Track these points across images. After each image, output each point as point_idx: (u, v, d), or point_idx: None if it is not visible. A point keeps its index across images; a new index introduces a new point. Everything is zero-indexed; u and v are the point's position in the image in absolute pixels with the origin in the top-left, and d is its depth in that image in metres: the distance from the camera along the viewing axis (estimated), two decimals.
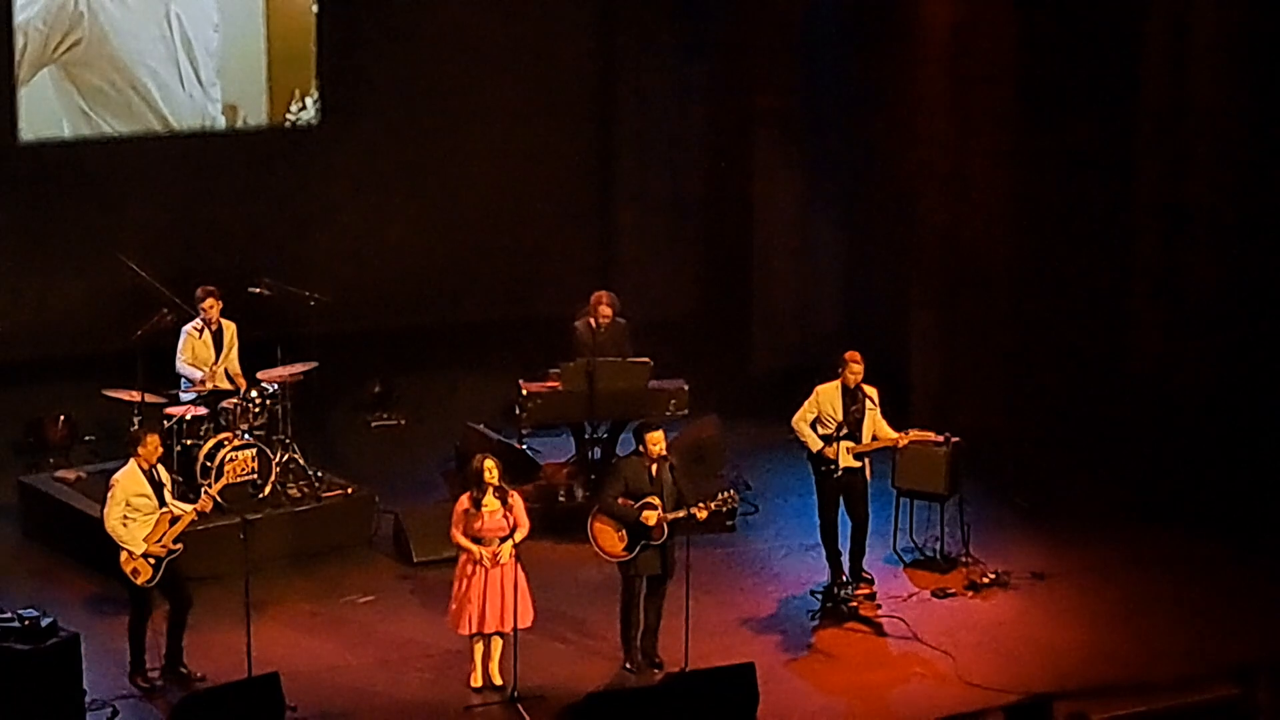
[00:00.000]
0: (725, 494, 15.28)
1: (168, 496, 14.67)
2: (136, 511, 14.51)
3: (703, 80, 21.40)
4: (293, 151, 20.56)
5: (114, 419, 17.63)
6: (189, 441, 16.75)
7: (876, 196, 20.46)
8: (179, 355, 17.14)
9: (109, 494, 14.60)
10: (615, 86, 21.74)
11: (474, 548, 14.38)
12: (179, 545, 14.59)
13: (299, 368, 17.41)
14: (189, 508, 14.73)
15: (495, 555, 14.37)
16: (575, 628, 15.79)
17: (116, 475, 14.64)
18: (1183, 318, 18.20)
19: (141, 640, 14.73)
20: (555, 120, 21.54)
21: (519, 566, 14.48)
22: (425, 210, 21.08)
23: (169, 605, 14.79)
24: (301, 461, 17.39)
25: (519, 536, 14.48)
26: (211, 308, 17.11)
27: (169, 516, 14.57)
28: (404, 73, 20.97)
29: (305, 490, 17.30)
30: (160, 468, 14.77)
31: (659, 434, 14.85)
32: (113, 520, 14.49)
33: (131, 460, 14.62)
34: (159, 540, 14.49)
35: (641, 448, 14.84)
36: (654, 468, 14.80)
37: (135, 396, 16.82)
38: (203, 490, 15.62)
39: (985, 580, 16.55)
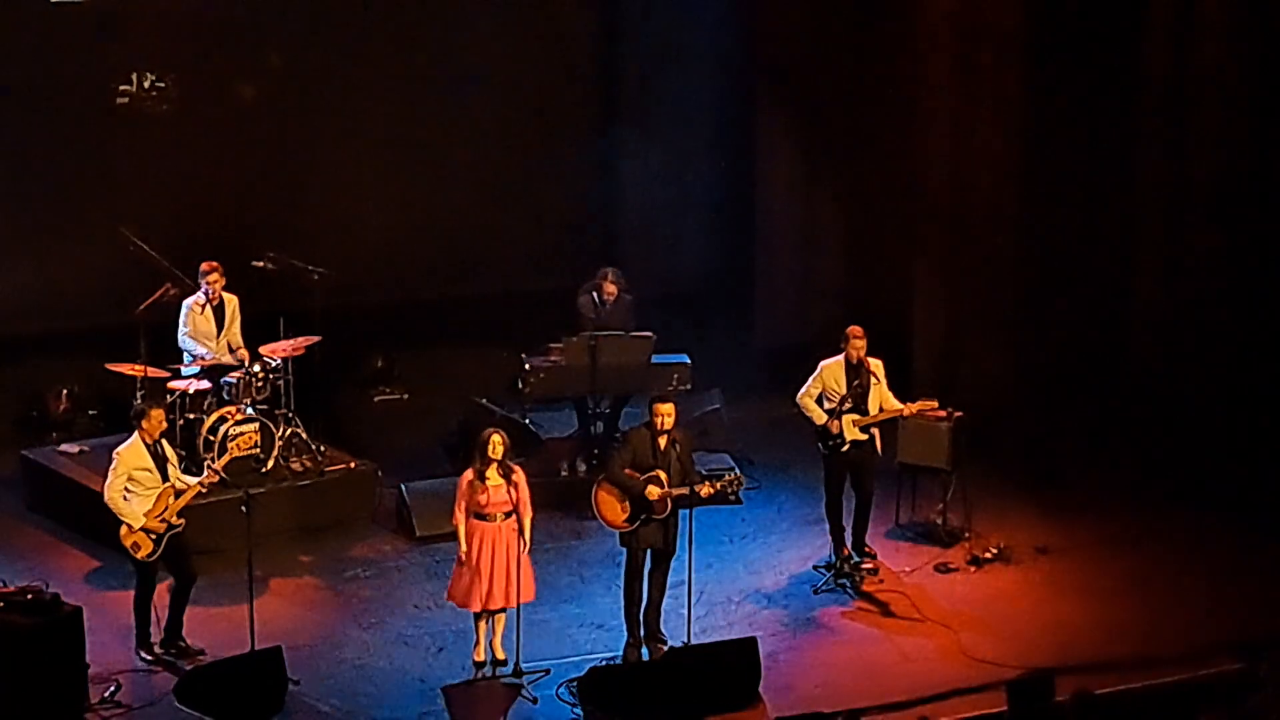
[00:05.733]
0: (731, 475, 15.17)
1: (171, 471, 14.67)
2: (138, 485, 14.50)
3: (706, 54, 21.35)
4: (296, 125, 20.50)
5: (117, 393, 17.62)
6: (192, 415, 16.75)
7: (879, 171, 20.41)
8: (181, 329, 17.14)
9: (111, 467, 14.60)
10: (619, 59, 21.68)
11: (464, 542, 14.38)
12: (181, 521, 14.59)
13: (302, 342, 17.39)
14: (193, 481, 14.73)
15: (512, 531, 14.38)
16: (578, 602, 15.80)
17: (119, 449, 14.64)
18: (1186, 293, 18.18)
19: (147, 613, 14.73)
20: (559, 95, 21.48)
21: (521, 542, 14.47)
22: (429, 184, 21.02)
23: (173, 579, 14.79)
24: (304, 436, 17.37)
25: (526, 523, 14.43)
26: (215, 282, 17.10)
27: (172, 491, 14.57)
28: (407, 46, 20.90)
29: (308, 464, 17.29)
30: (165, 442, 14.77)
31: (670, 406, 14.77)
32: (113, 493, 14.50)
33: (135, 434, 14.62)
34: (160, 515, 14.49)
35: (652, 419, 14.82)
36: (660, 441, 14.78)
37: (138, 371, 16.83)
38: (205, 466, 15.62)
39: (988, 555, 16.54)
